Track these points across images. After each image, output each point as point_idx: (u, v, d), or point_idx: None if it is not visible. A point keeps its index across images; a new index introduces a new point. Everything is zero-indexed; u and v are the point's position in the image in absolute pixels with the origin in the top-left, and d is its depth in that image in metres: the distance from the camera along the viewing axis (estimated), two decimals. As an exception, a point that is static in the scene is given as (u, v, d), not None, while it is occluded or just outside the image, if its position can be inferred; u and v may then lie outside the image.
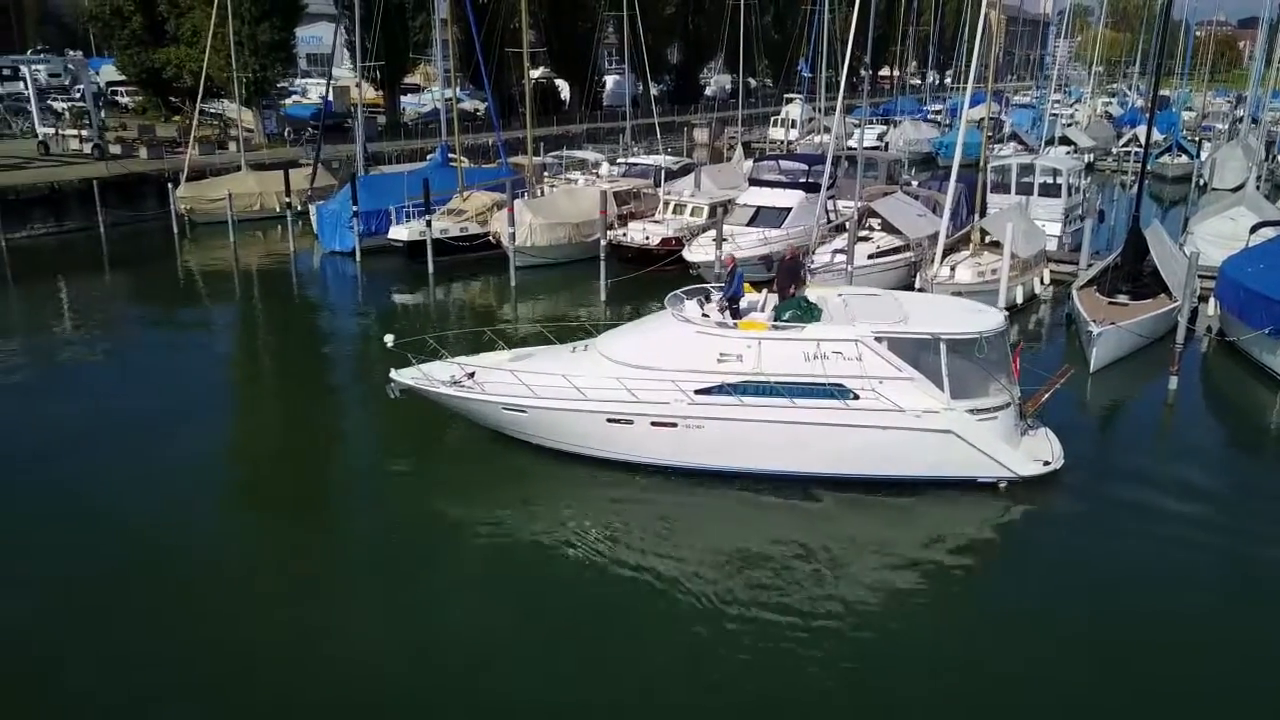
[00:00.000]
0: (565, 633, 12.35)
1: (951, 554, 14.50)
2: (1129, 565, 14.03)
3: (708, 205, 32.63)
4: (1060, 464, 15.97)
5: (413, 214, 32.17)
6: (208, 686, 11.24)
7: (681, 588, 13.21)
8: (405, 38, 52.97)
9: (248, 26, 46.20)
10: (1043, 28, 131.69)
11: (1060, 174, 32.59)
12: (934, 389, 15.31)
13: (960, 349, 15.59)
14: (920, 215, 29.76)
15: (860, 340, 15.40)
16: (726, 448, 15.81)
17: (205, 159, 42.42)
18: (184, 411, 19.40)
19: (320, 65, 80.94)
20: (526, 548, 14.44)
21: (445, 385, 16.87)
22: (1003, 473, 15.62)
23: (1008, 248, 23.34)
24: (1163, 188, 51.21)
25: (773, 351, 15.63)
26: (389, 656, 11.75)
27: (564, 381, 15.98)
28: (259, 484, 17.11)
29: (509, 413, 16.68)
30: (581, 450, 16.53)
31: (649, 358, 16.14)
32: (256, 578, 13.59)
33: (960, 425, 15.29)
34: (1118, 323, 21.93)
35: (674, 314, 16.79)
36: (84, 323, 27.36)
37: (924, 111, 74.67)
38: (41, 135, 44.20)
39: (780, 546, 14.33)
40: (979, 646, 12.21)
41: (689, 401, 15.67)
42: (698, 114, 69.89)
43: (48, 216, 36.62)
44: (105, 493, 15.87)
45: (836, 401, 15.37)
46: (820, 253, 27.30)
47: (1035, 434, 16.53)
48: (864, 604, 12.99)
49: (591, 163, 42.34)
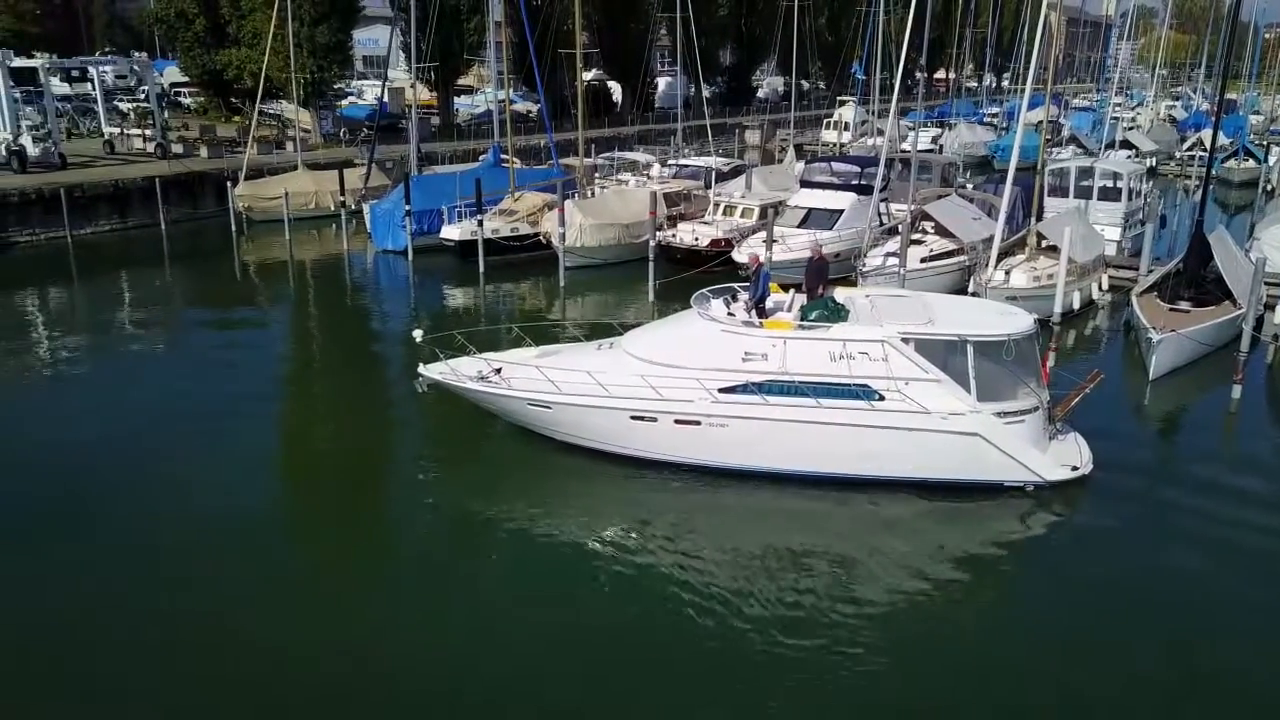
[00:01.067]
0: (586, 628, 12.36)
1: (976, 558, 14.36)
2: (1177, 577, 13.71)
3: (758, 206, 32.42)
4: (1089, 469, 15.70)
5: (465, 213, 32.43)
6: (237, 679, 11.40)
7: (703, 587, 13.16)
8: (460, 39, 53.47)
9: (306, 28, 46.97)
10: (1104, 29, 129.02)
11: (1121, 178, 31.82)
12: (961, 391, 15.14)
13: (988, 351, 15.38)
14: (975, 219, 29.25)
15: (887, 341, 15.25)
16: (750, 447, 15.73)
17: (263, 158, 43.24)
18: (235, 401, 19.87)
19: (376, 68, 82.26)
20: (548, 544, 14.48)
21: (472, 380, 16.99)
22: (1030, 477, 15.43)
23: (1065, 251, 22.83)
24: (1228, 193, 49.83)
25: (798, 351, 15.53)
26: (410, 645, 11.88)
27: (589, 378, 16.03)
28: (296, 473, 17.61)
29: (534, 409, 16.76)
30: (605, 447, 16.56)
31: (674, 356, 16.14)
32: (280, 564, 13.94)
33: (987, 428, 15.10)
34: (1179, 330, 21.34)
35: (700, 312, 16.78)
36: (147, 316, 27.97)
37: (980, 115, 73.57)
38: (107, 134, 45.35)
39: (803, 548, 14.28)
40: (1002, 651, 12.09)
41: (713, 400, 15.62)
42: (749, 116, 69.61)
43: (112, 213, 37.57)
44: (163, 476, 16.42)
45: (862, 402, 15.24)
46: (872, 255, 27.05)
47: (1064, 438, 16.29)
48: (886, 606, 12.89)
49: (642, 164, 42.36)
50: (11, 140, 38.15)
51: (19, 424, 18.97)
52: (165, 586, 13.07)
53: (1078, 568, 13.97)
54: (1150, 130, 62.57)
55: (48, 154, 39.02)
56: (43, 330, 26.36)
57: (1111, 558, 14.19)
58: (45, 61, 42.04)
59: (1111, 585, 13.43)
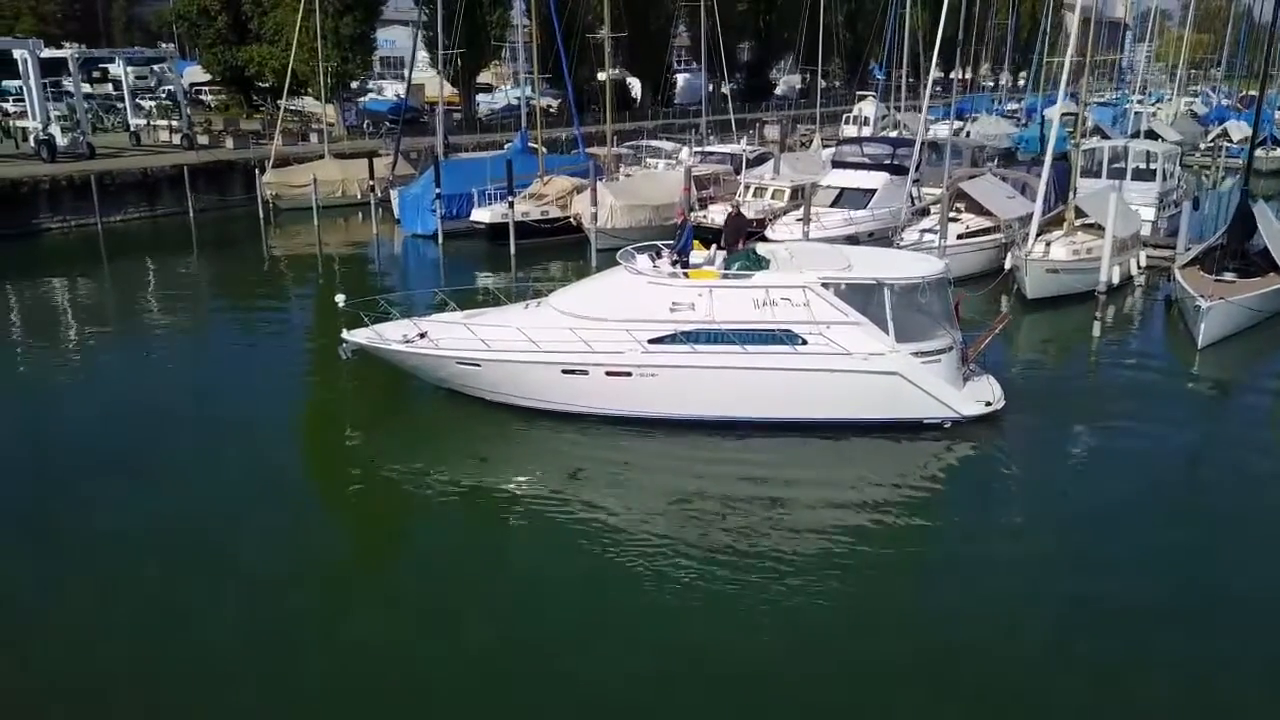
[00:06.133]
0: (524, 583, 12.27)
1: (903, 491, 14.77)
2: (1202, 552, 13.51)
3: (789, 188, 32.32)
4: (1001, 404, 16.37)
5: (495, 197, 32.37)
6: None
7: (637, 535, 13.26)
8: (483, 33, 53.55)
9: (331, 19, 47.10)
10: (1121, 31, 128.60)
11: (1155, 158, 31.59)
12: (880, 333, 15.67)
13: (904, 294, 15.99)
14: (1010, 197, 29.12)
15: (808, 287, 15.72)
16: (680, 396, 16.00)
17: (288, 149, 43.30)
18: (250, 387, 19.45)
19: (393, 68, 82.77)
20: (483, 504, 14.50)
21: (398, 343, 16.85)
22: (947, 413, 16.04)
23: (1112, 219, 22.56)
24: (1258, 182, 49.36)
25: (724, 299, 15.85)
26: (344, 614, 11.54)
27: (519, 334, 16.09)
28: (278, 454, 16.30)
29: (463, 367, 16.69)
30: (536, 404, 16.61)
31: (602, 309, 16.30)
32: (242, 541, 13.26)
33: (906, 367, 15.66)
34: (1227, 298, 21.11)
35: (626, 267, 16.95)
36: (178, 301, 27.91)
37: (1000, 109, 73.30)
38: (134, 126, 45.54)
39: (736, 493, 14.53)
40: (939, 582, 12.39)
41: (643, 350, 15.83)
42: (768, 112, 69.51)
43: (141, 201, 37.64)
44: (176, 458, 15.74)
45: (786, 347, 15.67)
46: (909, 232, 26.92)
47: (978, 379, 16.96)
48: (822, 540, 13.12)
49: (670, 150, 42.22)
50: (41, 130, 38.31)
51: (45, 404, 18.68)
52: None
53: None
54: (1174, 123, 62.26)
55: (76, 143, 39.20)
56: (76, 316, 26.43)
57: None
58: (74, 51, 42.23)
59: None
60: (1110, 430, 16.98)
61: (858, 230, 28.00)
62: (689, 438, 16.10)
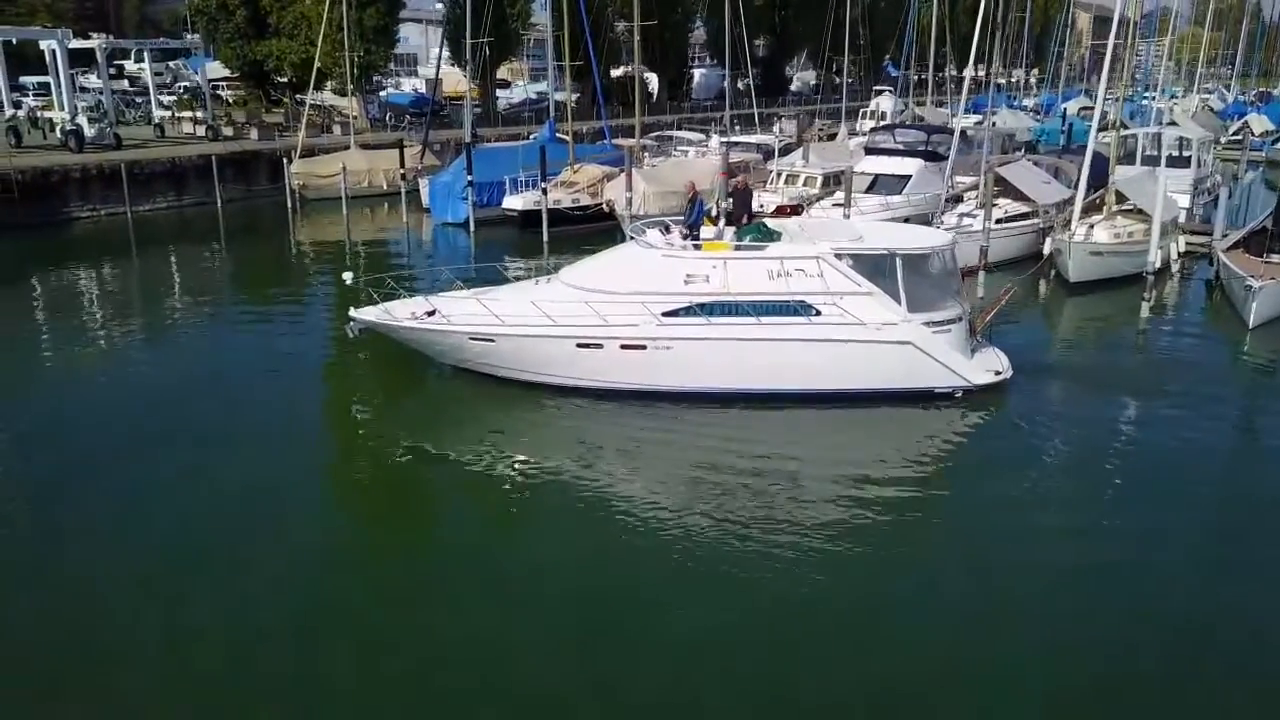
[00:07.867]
0: (540, 560, 11.90)
1: (920, 458, 14.86)
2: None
3: (820, 175, 32.26)
4: (1009, 374, 16.49)
5: (527, 184, 32.33)
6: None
7: (655, 507, 12.99)
8: (506, 24, 53.66)
9: (354, 10, 47.12)
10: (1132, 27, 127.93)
11: (1190, 145, 31.51)
12: (892, 303, 15.71)
13: (915, 264, 16.13)
14: (1046, 183, 29.04)
15: (821, 257, 15.73)
16: (694, 368, 15.90)
17: (313, 140, 43.26)
18: (274, 370, 19.15)
19: (407, 65, 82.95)
20: (499, 479, 14.15)
21: (409, 320, 16.71)
22: (959, 382, 16.14)
23: (1160, 200, 22.49)
24: (1279, 174, 49.67)
25: (738, 270, 15.81)
26: (360, 587, 11.35)
27: (533, 308, 15.97)
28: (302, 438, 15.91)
29: (476, 343, 16.52)
30: (550, 379, 16.44)
31: (615, 283, 16.20)
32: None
33: (918, 336, 15.74)
34: (1279, 279, 21.01)
35: (638, 240, 16.93)
36: (208, 290, 27.77)
37: (1017, 104, 73.32)
38: (158, 118, 45.57)
39: (753, 466, 14.39)
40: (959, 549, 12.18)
41: (658, 323, 15.75)
42: (785, 107, 69.49)
43: (169, 190, 37.65)
44: (198, 437, 15.39)
45: (800, 318, 15.67)
46: (947, 217, 26.81)
47: (985, 350, 17.11)
48: (842, 510, 12.98)
49: (697, 140, 42.18)
50: (69, 120, 38.33)
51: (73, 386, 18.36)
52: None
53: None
54: (1194, 117, 62.14)
55: (103, 134, 39.19)
56: (107, 301, 26.36)
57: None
58: (102, 42, 42.28)
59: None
60: (1166, 406, 16.96)
61: (894, 215, 27.90)
62: (702, 411, 15.98)
